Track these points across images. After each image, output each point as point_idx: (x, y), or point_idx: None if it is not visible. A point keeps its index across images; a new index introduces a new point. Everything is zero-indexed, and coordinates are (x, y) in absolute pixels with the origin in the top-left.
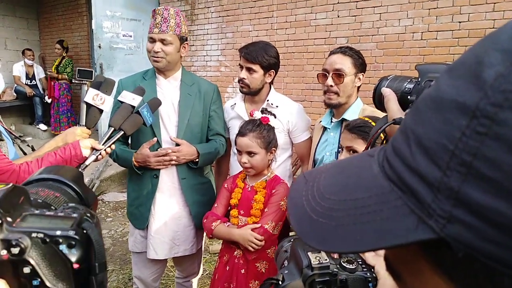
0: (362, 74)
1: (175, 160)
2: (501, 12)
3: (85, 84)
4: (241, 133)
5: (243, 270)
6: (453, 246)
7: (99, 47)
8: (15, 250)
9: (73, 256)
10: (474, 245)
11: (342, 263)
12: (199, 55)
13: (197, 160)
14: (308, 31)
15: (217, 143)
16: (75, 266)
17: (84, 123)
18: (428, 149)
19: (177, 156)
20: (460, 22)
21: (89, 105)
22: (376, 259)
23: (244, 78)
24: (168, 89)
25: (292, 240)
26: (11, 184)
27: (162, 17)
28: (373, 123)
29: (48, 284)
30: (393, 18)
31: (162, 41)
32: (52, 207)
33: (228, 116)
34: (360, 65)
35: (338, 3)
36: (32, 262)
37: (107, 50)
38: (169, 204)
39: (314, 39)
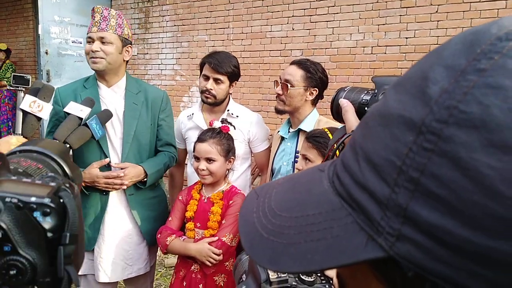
0: (316, 89)
1: (123, 185)
2: (444, 29)
3: (21, 90)
4: (200, 139)
5: (201, 285)
6: (403, 265)
7: (46, 53)
8: None
9: (47, 224)
10: (424, 264)
11: (301, 276)
12: (153, 64)
13: (145, 180)
14: (264, 43)
15: (166, 156)
16: (49, 235)
17: (20, 132)
18: (376, 165)
19: (123, 181)
20: (407, 38)
21: (25, 113)
22: (334, 271)
23: (211, 89)
24: (112, 99)
25: None
26: None
27: (102, 15)
28: (330, 135)
29: (19, 251)
30: (345, 33)
31: (101, 39)
32: (21, 177)
33: (185, 126)
34: (315, 80)
35: (292, 16)
36: (4, 226)
37: (55, 56)
38: (118, 222)
39: (270, 50)
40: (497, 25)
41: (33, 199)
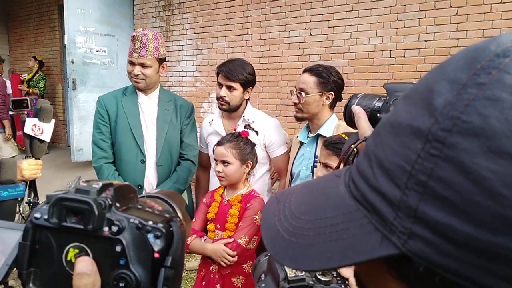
0: (332, 93)
1: None
2: (464, 31)
3: (24, 114)
4: (218, 143)
5: (219, 285)
6: (414, 260)
7: (72, 62)
8: (114, 229)
9: (157, 246)
10: (433, 259)
11: (317, 276)
12: (174, 71)
13: None
14: (282, 48)
15: (181, 174)
16: (156, 255)
17: (30, 155)
18: (388, 170)
19: None
20: (426, 41)
21: (30, 136)
22: (350, 271)
23: (224, 96)
24: (148, 105)
25: (269, 254)
26: (126, 182)
27: (141, 42)
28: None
29: (131, 266)
30: (363, 37)
31: (142, 65)
32: (153, 209)
33: (206, 132)
34: (329, 84)
35: (310, 21)
36: (124, 242)
37: (80, 65)
38: None
39: (288, 56)
40: (496, 42)
41: (150, 222)
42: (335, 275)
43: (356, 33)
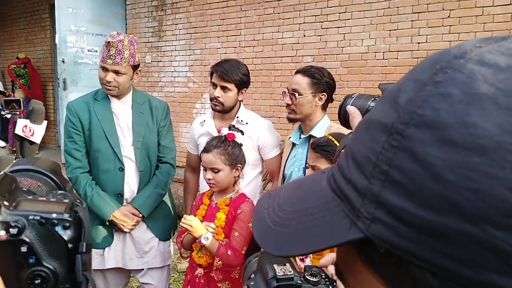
0: (324, 94)
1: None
2: (456, 34)
3: (16, 114)
4: (205, 150)
5: None
6: (376, 243)
7: (63, 62)
8: (14, 231)
9: (67, 236)
10: (391, 241)
11: (306, 276)
12: (166, 71)
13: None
14: (275, 49)
15: (160, 179)
16: (69, 245)
17: (21, 156)
18: (359, 162)
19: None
20: (419, 43)
21: (21, 138)
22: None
23: (218, 97)
24: (121, 110)
25: (259, 254)
26: (2, 172)
27: (117, 49)
28: (335, 142)
29: (43, 262)
30: (356, 38)
31: (115, 72)
32: (35, 195)
33: (197, 133)
34: (322, 85)
35: (304, 23)
36: (28, 241)
37: (71, 65)
38: None
39: (281, 57)
40: (458, 47)
41: (54, 215)
42: (323, 277)
43: (349, 35)
